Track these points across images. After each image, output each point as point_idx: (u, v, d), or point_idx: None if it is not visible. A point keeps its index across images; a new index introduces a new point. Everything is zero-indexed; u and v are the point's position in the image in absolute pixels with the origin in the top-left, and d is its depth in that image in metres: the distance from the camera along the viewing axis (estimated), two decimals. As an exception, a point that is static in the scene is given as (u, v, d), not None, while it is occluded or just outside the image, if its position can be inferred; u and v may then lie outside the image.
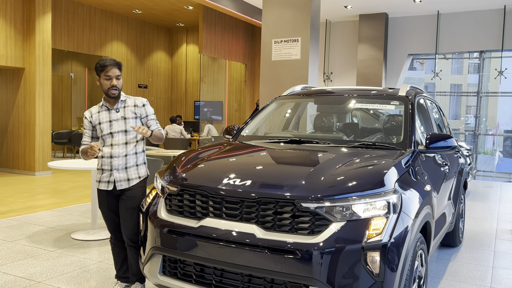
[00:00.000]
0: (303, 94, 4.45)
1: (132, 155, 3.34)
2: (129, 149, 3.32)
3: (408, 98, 3.84)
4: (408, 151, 3.29)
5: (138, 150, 3.38)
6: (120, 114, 3.32)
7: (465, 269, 4.38)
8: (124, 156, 3.30)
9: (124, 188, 3.31)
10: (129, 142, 3.32)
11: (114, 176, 3.28)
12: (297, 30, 7.13)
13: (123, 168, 3.30)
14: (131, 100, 3.39)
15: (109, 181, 3.30)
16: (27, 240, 4.94)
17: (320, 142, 3.59)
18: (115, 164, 3.27)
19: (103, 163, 3.31)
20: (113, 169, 3.28)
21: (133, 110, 3.35)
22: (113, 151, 3.28)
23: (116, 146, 3.28)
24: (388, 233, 2.48)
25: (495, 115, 22.21)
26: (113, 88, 3.24)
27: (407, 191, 2.79)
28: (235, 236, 2.62)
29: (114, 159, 3.27)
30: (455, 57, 15.43)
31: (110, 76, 3.22)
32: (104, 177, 3.31)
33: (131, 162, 3.33)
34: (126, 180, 3.32)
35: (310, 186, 2.61)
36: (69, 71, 15.49)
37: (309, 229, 2.52)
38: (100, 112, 3.35)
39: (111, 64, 3.22)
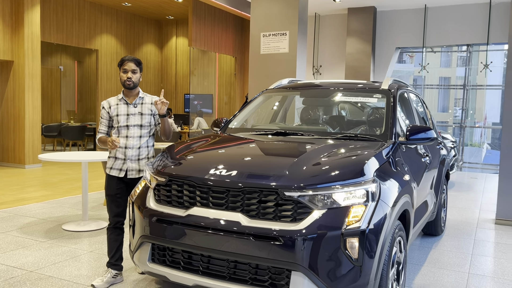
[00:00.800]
0: (290, 87, 4.55)
1: (145, 148, 3.68)
2: (143, 142, 3.66)
3: (390, 91, 3.97)
4: (388, 142, 3.41)
5: (149, 144, 3.72)
6: (138, 109, 3.65)
7: (445, 257, 4.54)
8: (138, 148, 3.63)
9: (134, 177, 3.61)
10: (143, 136, 3.65)
11: (127, 165, 3.60)
12: (285, 24, 7.22)
13: (136, 159, 3.62)
14: (149, 98, 3.73)
15: (121, 169, 3.61)
16: (18, 232, 5.01)
17: (305, 134, 3.70)
18: (129, 155, 3.60)
19: (117, 152, 3.61)
20: (126, 159, 3.60)
21: (150, 108, 3.69)
22: (128, 142, 3.60)
23: (131, 138, 3.61)
24: (367, 220, 2.61)
25: (483, 107, 22.51)
26: (128, 80, 3.59)
27: (386, 180, 2.92)
28: (221, 224, 2.73)
29: (129, 150, 3.60)
30: (443, 50, 15.63)
31: (126, 70, 3.59)
32: (117, 164, 3.62)
33: (143, 154, 3.67)
34: (137, 170, 3.62)
35: (293, 176, 2.72)
36: (58, 64, 15.44)
37: (291, 217, 2.64)
38: (118, 105, 3.66)
39: (128, 60, 3.61)
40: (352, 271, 2.56)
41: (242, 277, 2.72)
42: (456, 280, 3.90)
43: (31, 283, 3.60)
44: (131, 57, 3.65)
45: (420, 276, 3.98)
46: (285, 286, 2.60)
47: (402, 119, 4.07)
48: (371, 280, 2.61)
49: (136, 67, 3.62)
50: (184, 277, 2.88)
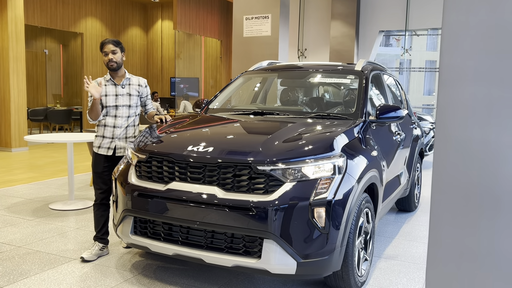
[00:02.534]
0: (268, 69, 4.71)
1: (131, 127, 3.86)
2: (130, 121, 3.84)
3: (363, 73, 4.15)
4: (359, 120, 3.61)
5: (135, 123, 3.91)
6: (126, 90, 3.82)
7: (416, 230, 4.79)
8: (125, 127, 3.81)
9: (121, 155, 3.78)
10: (130, 116, 3.84)
11: (116, 143, 3.77)
12: (267, 7, 7.33)
13: (124, 137, 3.81)
14: (135, 79, 3.91)
15: (109, 147, 3.77)
16: (6, 211, 5.15)
17: (281, 114, 3.88)
18: (117, 134, 3.77)
19: (105, 131, 3.78)
20: (114, 138, 3.77)
21: (137, 89, 3.88)
22: (116, 121, 3.77)
23: (119, 118, 3.78)
24: (333, 192, 2.81)
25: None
26: (110, 61, 3.73)
27: (353, 156, 3.11)
28: (198, 197, 2.91)
29: (117, 129, 3.77)
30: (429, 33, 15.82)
31: (106, 52, 3.74)
32: (105, 143, 3.78)
33: (130, 133, 3.85)
34: (125, 148, 3.75)
35: (266, 151, 2.91)
36: (43, 48, 15.36)
37: (264, 189, 2.83)
38: (107, 86, 3.80)
39: (106, 42, 3.76)
40: (320, 238, 2.76)
41: (219, 246, 2.92)
42: (424, 251, 4.14)
43: (20, 257, 3.76)
44: (108, 39, 3.79)
45: (391, 247, 4.22)
46: (258, 253, 2.80)
47: (375, 99, 4.26)
48: (337, 246, 2.82)
49: (115, 47, 3.75)
50: (164, 247, 3.06)
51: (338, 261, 2.87)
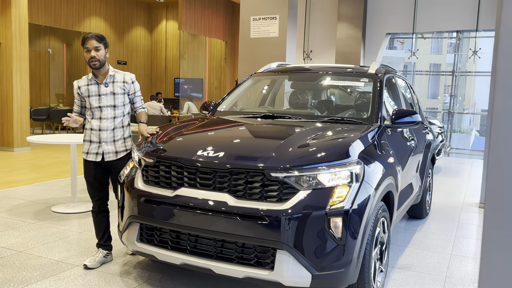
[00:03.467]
0: (278, 71, 4.58)
1: (120, 129, 3.54)
2: (117, 123, 3.52)
3: (377, 76, 4.01)
4: (374, 125, 3.47)
5: (124, 124, 3.58)
6: (109, 89, 3.48)
7: (429, 239, 4.65)
8: (112, 129, 3.49)
9: (111, 160, 3.50)
10: (116, 116, 3.51)
11: (103, 148, 3.48)
12: (275, 8, 7.20)
13: (111, 141, 3.50)
14: (120, 75, 3.55)
15: (97, 153, 3.50)
16: (7, 213, 5.02)
17: (292, 118, 3.74)
18: (104, 137, 3.47)
19: (92, 135, 3.49)
20: (101, 142, 3.47)
21: (122, 86, 3.53)
22: (101, 124, 3.46)
23: (104, 120, 3.47)
24: (350, 201, 2.67)
25: (472, 94, 22.68)
26: (92, 59, 3.38)
27: (370, 162, 2.98)
28: (208, 204, 2.78)
29: (103, 132, 3.47)
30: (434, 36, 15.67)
31: (89, 48, 3.37)
32: (93, 148, 3.50)
33: (118, 135, 3.54)
34: (114, 152, 3.52)
35: (279, 157, 2.77)
36: (46, 47, 15.25)
37: (277, 197, 2.70)
38: (89, 86, 3.50)
39: (89, 37, 3.37)
40: (336, 250, 2.63)
41: (229, 255, 2.78)
42: (439, 261, 4.00)
43: (20, 262, 3.63)
44: (92, 33, 3.43)
45: (404, 257, 4.08)
46: (270, 264, 2.67)
47: (388, 103, 4.12)
48: (354, 258, 2.69)
49: (98, 43, 3.40)
50: (172, 256, 2.93)
51: (355, 274, 2.73)
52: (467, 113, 18.92)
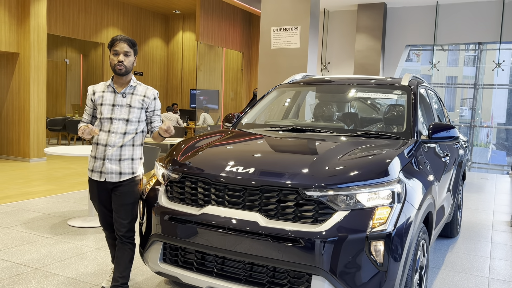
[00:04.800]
0: (304, 82, 4.40)
1: (129, 147, 3.06)
2: (127, 140, 3.04)
3: (411, 88, 3.82)
4: (411, 140, 3.27)
5: (136, 143, 3.10)
6: (126, 100, 3.06)
7: (463, 260, 4.39)
8: (119, 146, 3.02)
9: (114, 181, 3.03)
10: (128, 133, 3.05)
11: (106, 167, 3.01)
12: (297, 18, 7.06)
13: (117, 159, 3.02)
14: (142, 89, 3.13)
15: (101, 172, 3.04)
16: (23, 227, 4.89)
17: (322, 131, 3.55)
18: (109, 154, 3.01)
19: (97, 151, 3.05)
20: (105, 159, 3.02)
21: (141, 100, 3.09)
22: (109, 139, 3.01)
23: (113, 134, 3.02)
24: (393, 223, 2.47)
25: (490, 107, 22.29)
26: (119, 64, 2.98)
27: (410, 180, 2.77)
28: (237, 224, 2.59)
29: (109, 148, 3.00)
30: (451, 48, 15.44)
31: (118, 51, 2.99)
32: (97, 166, 3.05)
33: (126, 154, 3.05)
34: (118, 173, 3.03)
35: (314, 175, 2.58)
36: (64, 57, 15.32)
37: (312, 218, 2.50)
38: (105, 92, 3.08)
39: (120, 39, 3.00)
40: (377, 277, 2.42)
41: (259, 280, 2.59)
42: (477, 285, 3.75)
43: (37, 281, 3.47)
44: (124, 36, 3.04)
45: (439, 280, 3.84)
46: (305, 290, 2.46)
47: (423, 116, 3.92)
48: (396, 285, 2.47)
49: (130, 48, 3.02)
50: (197, 278, 2.74)
51: (396, 302, 2.51)
52: (487, 127, 18.53)
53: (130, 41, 3.03)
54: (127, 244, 3.11)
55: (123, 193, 3.06)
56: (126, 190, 3.07)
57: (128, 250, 3.11)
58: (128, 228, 3.09)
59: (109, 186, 3.06)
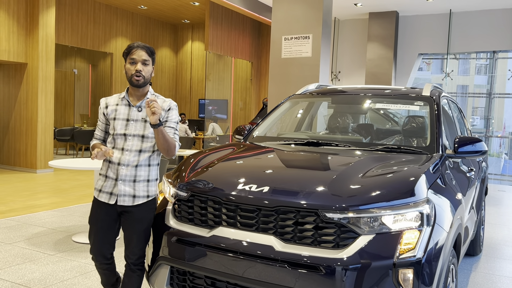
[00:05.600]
0: (319, 93, 4.20)
1: (145, 167, 2.74)
2: (142, 158, 2.72)
3: (433, 98, 3.60)
4: (436, 155, 3.04)
5: (152, 162, 2.77)
6: (142, 114, 2.72)
7: (488, 281, 4.13)
8: (134, 166, 2.70)
9: (126, 205, 2.71)
10: (144, 150, 2.72)
11: (119, 188, 2.69)
12: (308, 27, 6.88)
13: (131, 180, 2.70)
14: (159, 101, 2.76)
15: (111, 193, 2.71)
16: (26, 243, 4.71)
17: (340, 145, 3.34)
18: (122, 174, 2.68)
19: (109, 169, 2.73)
20: (118, 179, 2.69)
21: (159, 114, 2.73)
22: (123, 157, 2.69)
23: (127, 152, 2.70)
24: (422, 248, 2.24)
25: (502, 116, 21.93)
26: (137, 74, 2.66)
27: (439, 200, 2.54)
28: (251, 247, 2.38)
29: (122, 167, 2.68)
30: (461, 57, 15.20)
31: (135, 60, 2.67)
32: (107, 186, 2.73)
33: (141, 175, 2.73)
34: (131, 196, 2.71)
35: (336, 194, 2.37)
36: (72, 67, 15.29)
37: (334, 242, 2.28)
38: (118, 106, 2.76)
39: (138, 47, 2.69)
40: (405, 308, 2.19)
41: (275, 310, 2.36)
42: (506, 310, 3.49)
43: (37, 304, 3.28)
44: (141, 43, 2.73)
45: (464, 304, 3.58)
46: (325, 322, 2.24)
47: (446, 129, 3.69)
48: (426, 318, 2.24)
49: (148, 57, 2.70)
50: (206, 306, 2.53)
51: (427, 336, 2.27)
52: (501, 137, 18.18)
53: (148, 49, 2.72)
54: (137, 271, 2.83)
55: (136, 219, 2.73)
56: (140, 215, 2.74)
57: (136, 276, 2.84)
58: (139, 255, 2.81)
59: (118, 209, 2.73)
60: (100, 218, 2.76)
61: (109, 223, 2.76)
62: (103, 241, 2.78)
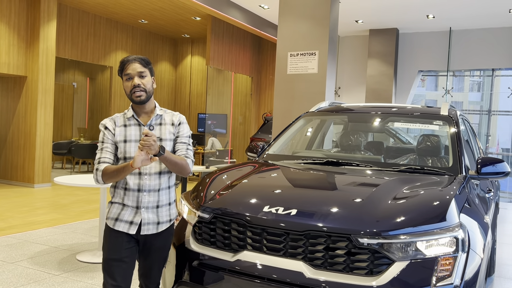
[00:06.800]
0: (334, 110, 4.14)
1: (165, 190, 2.55)
2: (163, 181, 2.52)
3: (452, 118, 3.55)
4: (460, 177, 2.98)
5: (171, 183, 2.59)
6: (155, 133, 2.52)
7: (505, 304, 4.05)
8: (157, 190, 2.50)
9: (151, 233, 2.50)
10: (163, 172, 2.52)
11: (143, 216, 2.46)
12: (315, 44, 6.86)
13: (154, 206, 2.50)
14: (168, 116, 2.60)
15: (132, 222, 2.46)
16: (29, 262, 4.57)
17: (361, 165, 3.27)
18: (145, 201, 2.46)
19: (125, 197, 2.48)
20: (141, 207, 2.46)
21: (172, 130, 2.57)
22: (142, 182, 2.46)
23: (147, 176, 2.47)
24: (459, 275, 2.16)
25: (495, 133, 22.07)
26: (136, 88, 2.43)
27: (470, 224, 2.47)
28: (279, 273, 2.29)
29: (144, 194, 2.46)
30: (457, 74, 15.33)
31: (130, 75, 2.44)
32: (126, 215, 2.47)
33: (164, 199, 2.53)
34: (156, 224, 2.50)
35: (369, 219, 2.29)
36: (70, 80, 15.19)
37: (367, 269, 2.19)
38: (127, 127, 2.51)
39: (131, 60, 2.45)
40: None
41: None
42: (529, 336, 3.40)
43: (45, 328, 3.14)
44: (133, 56, 2.50)
45: (486, 329, 3.48)
46: None
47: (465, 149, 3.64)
48: None
49: (143, 67, 2.46)
50: (230, 335, 2.42)
51: None
52: (497, 153, 18.24)
53: (142, 60, 2.48)
54: None
55: (159, 247, 2.56)
56: (162, 243, 2.57)
57: None
58: (158, 282, 2.68)
59: (140, 239, 2.51)
60: (120, 248, 2.46)
61: (129, 254, 2.49)
62: (123, 275, 2.46)
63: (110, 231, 2.51)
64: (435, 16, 10.25)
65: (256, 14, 10.88)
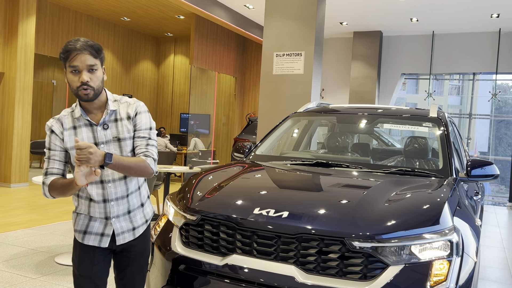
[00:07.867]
0: (322, 111, 4.09)
1: (135, 193, 2.21)
2: (131, 185, 2.18)
3: (441, 120, 3.53)
4: (450, 179, 2.95)
5: (140, 183, 2.25)
6: (112, 132, 2.12)
7: (491, 306, 4.05)
8: (125, 197, 2.16)
9: (127, 241, 2.20)
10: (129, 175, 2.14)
11: (114, 227, 2.14)
12: (301, 44, 6.82)
13: (125, 213, 2.17)
14: (124, 108, 2.16)
15: (103, 234, 2.15)
16: (4, 265, 4.39)
17: (351, 166, 3.21)
18: (114, 210, 2.13)
19: (92, 208, 2.13)
20: (110, 217, 2.13)
21: (129, 126, 2.15)
22: (107, 191, 2.11)
23: (110, 184, 2.11)
24: (454, 279, 2.12)
25: (474, 137, 22.46)
26: (83, 86, 2.01)
27: (463, 227, 2.44)
28: (269, 278, 2.21)
29: (112, 203, 2.12)
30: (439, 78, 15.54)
31: (77, 67, 2.01)
32: (95, 227, 2.14)
33: (135, 202, 2.21)
34: (131, 230, 2.20)
35: (363, 222, 2.23)
36: (50, 78, 14.85)
37: (361, 273, 2.13)
38: (77, 129, 2.10)
39: (78, 50, 1.99)
40: None
41: None
42: None
43: (22, 335, 3.00)
44: (82, 43, 2.02)
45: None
46: None
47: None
48: None
49: (94, 59, 2.03)
50: None
51: None
52: (477, 157, 18.53)
53: (93, 48, 2.03)
54: None
55: (140, 252, 2.27)
56: (141, 247, 2.28)
57: None
58: None
59: (116, 248, 2.21)
60: (90, 263, 2.15)
61: (103, 267, 2.19)
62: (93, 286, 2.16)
63: (79, 245, 2.18)
64: (419, 20, 10.35)
65: (241, 13, 10.81)
